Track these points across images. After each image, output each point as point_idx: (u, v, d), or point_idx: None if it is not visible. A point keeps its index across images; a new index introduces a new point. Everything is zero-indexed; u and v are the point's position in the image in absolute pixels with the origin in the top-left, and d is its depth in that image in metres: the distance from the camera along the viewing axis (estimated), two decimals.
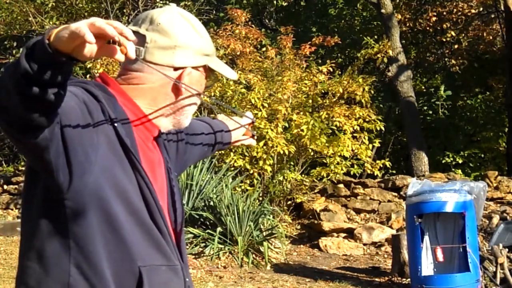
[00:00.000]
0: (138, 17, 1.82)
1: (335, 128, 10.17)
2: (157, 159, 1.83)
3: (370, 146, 10.45)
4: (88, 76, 10.64)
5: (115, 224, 1.64)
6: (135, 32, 1.76)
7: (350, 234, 9.71)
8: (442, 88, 15.87)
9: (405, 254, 7.66)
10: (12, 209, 10.76)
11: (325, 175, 10.09)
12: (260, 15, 18.21)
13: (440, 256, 6.65)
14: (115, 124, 1.65)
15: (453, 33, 16.22)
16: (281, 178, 10.07)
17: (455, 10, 15.98)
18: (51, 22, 12.75)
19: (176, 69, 1.77)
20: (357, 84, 10.29)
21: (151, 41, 1.75)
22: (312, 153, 10.15)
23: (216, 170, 9.42)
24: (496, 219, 9.28)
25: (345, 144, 9.86)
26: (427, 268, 6.83)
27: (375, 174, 10.48)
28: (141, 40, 1.75)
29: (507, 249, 7.39)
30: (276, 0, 17.56)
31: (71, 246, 1.62)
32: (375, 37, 14.20)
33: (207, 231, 8.39)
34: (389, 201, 10.56)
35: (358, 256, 9.21)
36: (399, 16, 15.29)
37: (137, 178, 1.68)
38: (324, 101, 10.50)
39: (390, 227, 9.81)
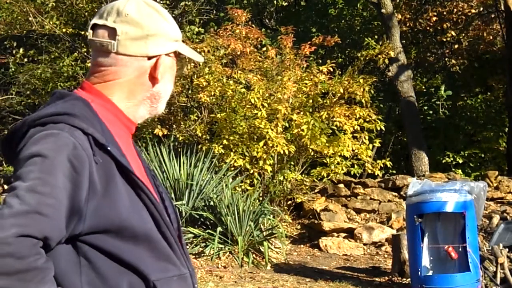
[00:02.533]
0: (102, 10, 1.79)
1: (335, 128, 10.17)
2: (136, 158, 1.82)
3: (371, 146, 10.45)
4: None
5: (125, 244, 1.63)
6: (102, 26, 1.75)
7: (350, 234, 9.72)
8: (442, 88, 15.87)
9: (405, 254, 7.66)
10: None
11: (325, 175, 10.09)
12: (260, 15, 18.20)
13: (454, 255, 6.62)
14: (108, 148, 1.63)
15: (453, 33, 16.21)
16: (281, 178, 10.07)
17: (455, 10, 15.97)
18: (51, 22, 12.74)
19: (150, 58, 1.76)
20: (358, 84, 10.29)
21: (122, 33, 1.73)
22: (312, 153, 10.15)
23: (216, 170, 9.42)
24: (496, 219, 9.28)
25: (345, 144, 9.86)
26: (427, 268, 6.83)
27: (376, 174, 10.48)
28: (110, 33, 1.74)
29: (507, 249, 7.40)
30: (276, 0, 17.56)
31: (82, 264, 1.60)
32: (375, 37, 14.20)
33: (207, 231, 8.39)
34: (389, 201, 10.56)
35: (358, 256, 9.21)
36: (399, 16, 15.28)
37: (140, 196, 1.67)
38: (325, 101, 10.49)
39: (390, 227, 9.81)
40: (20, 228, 1.46)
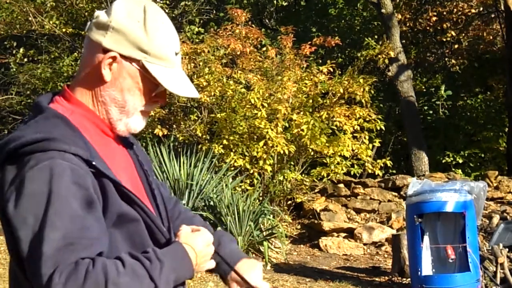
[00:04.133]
0: None
1: (335, 128, 10.18)
2: (125, 159, 1.77)
3: (370, 146, 10.45)
4: None
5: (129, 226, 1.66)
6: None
7: (350, 234, 9.72)
8: (442, 88, 15.88)
9: (405, 254, 7.66)
10: None
11: (325, 175, 10.09)
12: (260, 15, 18.20)
13: (451, 255, 6.63)
14: (94, 163, 1.58)
15: (453, 33, 16.22)
16: (281, 178, 10.06)
17: (455, 10, 15.99)
18: (51, 22, 12.75)
19: (105, 51, 1.66)
20: (358, 84, 10.30)
21: (96, 16, 1.69)
22: (312, 153, 10.15)
23: (216, 170, 9.42)
24: (496, 219, 9.28)
25: (345, 144, 9.87)
26: (427, 268, 6.83)
27: (376, 174, 10.48)
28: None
29: (507, 249, 7.39)
30: (276, 0, 17.57)
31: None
32: (375, 37, 14.21)
33: None
34: (389, 201, 10.56)
35: (358, 256, 9.22)
36: (399, 16, 15.29)
37: (130, 205, 1.65)
38: (325, 101, 10.50)
39: (390, 227, 9.81)
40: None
